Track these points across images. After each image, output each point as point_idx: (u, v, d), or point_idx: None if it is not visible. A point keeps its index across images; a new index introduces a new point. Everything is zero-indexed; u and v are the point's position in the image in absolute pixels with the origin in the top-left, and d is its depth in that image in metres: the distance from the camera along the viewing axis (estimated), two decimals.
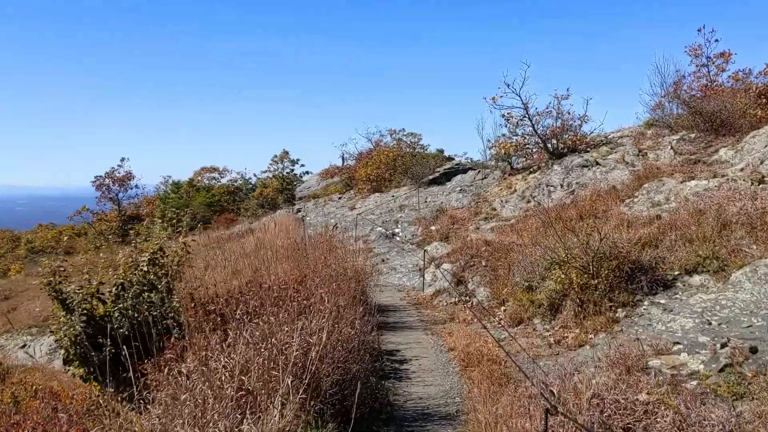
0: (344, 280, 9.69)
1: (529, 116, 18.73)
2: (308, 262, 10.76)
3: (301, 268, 10.49)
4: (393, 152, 33.62)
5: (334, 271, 10.06)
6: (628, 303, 8.42)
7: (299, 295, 7.60)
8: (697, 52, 22.86)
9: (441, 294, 11.89)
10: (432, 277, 13.19)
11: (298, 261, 11.42)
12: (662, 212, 11.34)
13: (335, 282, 9.59)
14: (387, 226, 19.91)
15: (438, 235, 16.31)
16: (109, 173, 45.68)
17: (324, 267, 10.33)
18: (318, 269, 10.00)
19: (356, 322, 6.81)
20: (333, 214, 28.38)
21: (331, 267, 10.32)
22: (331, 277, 9.70)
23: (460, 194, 21.82)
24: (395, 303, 11.94)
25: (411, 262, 15.46)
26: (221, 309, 6.71)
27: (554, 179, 16.67)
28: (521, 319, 9.37)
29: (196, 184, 54.01)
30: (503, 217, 16.28)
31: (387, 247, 17.60)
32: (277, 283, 8.50)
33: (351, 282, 9.80)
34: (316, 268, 9.98)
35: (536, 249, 10.70)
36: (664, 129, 17.34)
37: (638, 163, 15.67)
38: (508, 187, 18.73)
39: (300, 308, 7.03)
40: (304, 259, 11.59)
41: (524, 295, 9.58)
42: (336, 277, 9.74)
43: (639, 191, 13.05)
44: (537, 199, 16.48)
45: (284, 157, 51.32)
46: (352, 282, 9.84)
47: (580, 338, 8.05)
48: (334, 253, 11.72)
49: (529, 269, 9.92)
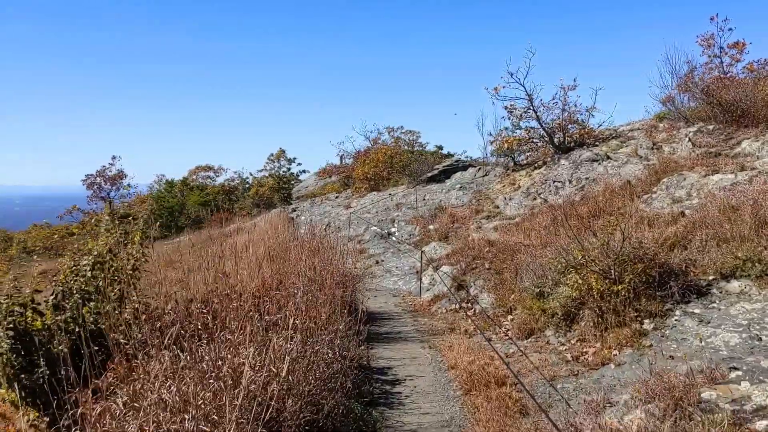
0: (330, 286, 8.54)
1: (534, 108, 17.56)
2: (290, 266, 9.61)
3: (281, 273, 9.34)
4: (390, 150, 32.68)
5: (318, 276, 8.91)
6: (656, 313, 7.26)
7: (271, 305, 6.45)
8: (709, 41, 21.68)
9: (440, 300, 10.73)
10: (430, 281, 12.03)
11: (281, 264, 10.28)
12: (685, 209, 10.18)
13: (319, 288, 8.46)
14: (383, 225, 18.75)
15: (437, 235, 15.15)
16: (100, 172, 44.43)
17: (309, 269, 9.19)
18: (299, 273, 8.85)
19: (337, 341, 5.63)
20: (328, 213, 27.24)
21: (316, 271, 9.18)
22: (313, 282, 8.55)
23: (460, 192, 20.66)
24: (389, 310, 10.77)
25: (407, 263, 14.30)
26: (176, 321, 5.54)
27: (562, 174, 15.51)
28: (532, 330, 8.21)
29: (190, 183, 52.87)
30: (507, 215, 15.12)
31: (382, 248, 16.43)
32: (248, 291, 7.35)
33: (337, 288, 8.64)
34: (296, 272, 8.82)
35: (547, 250, 9.55)
36: (679, 121, 16.17)
37: (653, 157, 14.51)
38: (511, 183, 17.56)
39: (268, 323, 5.88)
40: (286, 262, 10.45)
41: (534, 302, 8.41)
42: (320, 282, 8.59)
43: (657, 186, 11.89)
44: (543, 196, 15.31)
45: (280, 156, 50.23)
46: (339, 289, 8.68)
47: (602, 354, 6.88)
48: (320, 256, 10.57)
49: (540, 273, 8.76)
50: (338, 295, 8.50)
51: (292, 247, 12.12)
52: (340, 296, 8.62)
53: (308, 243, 11.78)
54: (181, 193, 52.77)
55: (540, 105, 17.68)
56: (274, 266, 9.70)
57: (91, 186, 43.29)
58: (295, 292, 7.14)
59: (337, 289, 8.73)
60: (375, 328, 9.37)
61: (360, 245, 17.09)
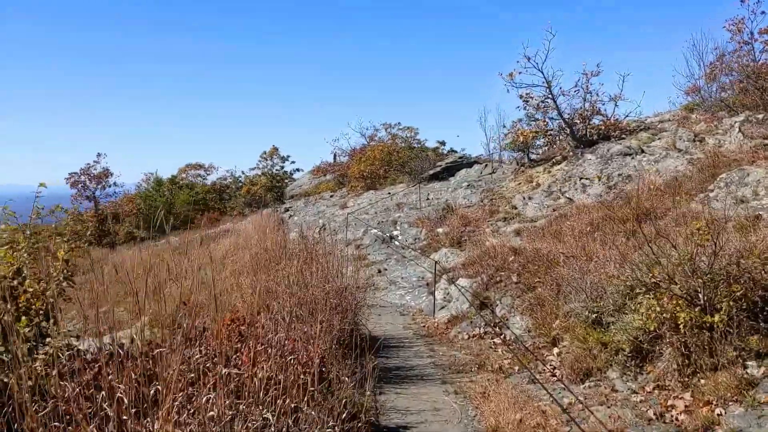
0: (327, 310, 6.65)
1: (553, 96, 15.70)
2: (277, 282, 7.70)
3: (267, 292, 7.44)
4: (388, 147, 30.96)
5: (311, 296, 7.01)
6: (765, 353, 5.40)
7: (245, 353, 4.54)
8: (739, 26, 19.89)
9: (459, 321, 8.83)
10: (444, 296, 10.13)
11: (267, 279, 8.38)
12: (758, 210, 8.34)
13: (310, 312, 6.58)
14: (383, 227, 16.84)
15: (447, 240, 13.25)
16: (85, 170, 42.26)
17: (300, 288, 7.31)
18: (285, 296, 6.94)
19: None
20: (323, 213, 25.29)
21: (308, 290, 7.29)
22: (303, 305, 6.66)
23: (468, 190, 18.77)
24: (397, 333, 8.87)
25: (415, 273, 12.39)
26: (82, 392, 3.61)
27: (589, 171, 13.64)
28: (589, 371, 6.32)
29: (179, 181, 50.86)
30: (527, 217, 13.24)
31: (384, 254, 14.51)
32: (217, 328, 5.45)
33: (335, 314, 6.74)
34: (282, 295, 6.92)
35: (596, 263, 7.68)
36: (720, 110, 14.36)
37: (695, 150, 12.67)
38: (527, 181, 15.69)
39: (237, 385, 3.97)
40: (273, 274, 8.56)
41: (590, 332, 6.53)
42: (313, 306, 6.69)
43: (714, 184, 10.05)
44: (568, 195, 13.45)
45: (273, 154, 48.30)
46: (337, 314, 6.78)
47: (702, 415, 5.00)
48: (314, 266, 8.68)
49: (594, 294, 6.88)
50: (336, 324, 6.62)
51: (281, 255, 10.22)
52: (338, 324, 6.74)
53: (300, 251, 9.89)
54: (170, 192, 50.78)
55: (559, 93, 15.82)
56: (260, 278, 7.80)
57: (76, 184, 41.24)
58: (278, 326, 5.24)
59: (334, 314, 6.84)
60: (382, 359, 7.47)
61: (359, 250, 15.17)
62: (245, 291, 7.78)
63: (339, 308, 7.13)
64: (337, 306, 7.04)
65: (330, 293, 7.26)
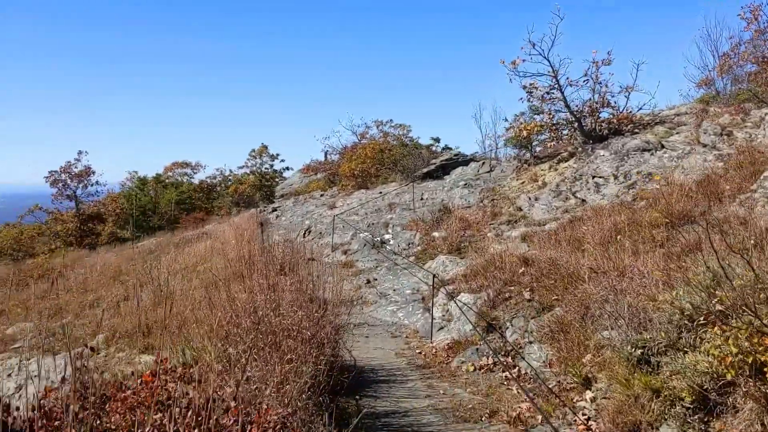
0: (299, 346, 5.22)
1: (560, 87, 14.27)
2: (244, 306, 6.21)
3: (230, 316, 5.95)
4: (380, 145, 29.67)
5: (280, 326, 5.54)
6: None
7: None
8: (755, 13, 18.61)
9: (462, 347, 7.37)
10: (443, 314, 8.67)
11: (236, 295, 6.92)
12: None
13: (275, 347, 5.16)
14: (374, 230, 15.36)
15: (445, 246, 11.80)
16: (65, 168, 40.49)
17: (265, 315, 5.85)
18: (248, 322, 5.47)
19: None
20: (311, 213, 23.77)
21: (280, 313, 5.83)
22: (268, 337, 5.22)
23: (465, 190, 17.33)
24: (388, 362, 7.40)
25: (409, 284, 10.91)
26: None
27: (603, 168, 12.22)
28: (636, 425, 4.87)
29: (164, 180, 49.21)
30: (534, 220, 11.81)
31: (374, 261, 13.02)
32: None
33: (310, 348, 5.28)
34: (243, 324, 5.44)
35: (632, 280, 6.26)
36: (746, 101, 13.00)
37: (723, 145, 11.29)
38: (532, 179, 14.26)
39: None
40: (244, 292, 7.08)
41: (636, 374, 5.09)
42: (281, 341, 5.24)
43: (757, 183, 8.65)
44: (580, 196, 12.03)
45: (263, 152, 46.90)
46: (313, 349, 5.31)
47: None
48: (291, 277, 7.20)
49: (637, 322, 5.44)
50: (311, 360, 5.16)
51: (251, 269, 8.76)
52: (314, 360, 5.28)
53: (272, 261, 8.41)
54: (155, 191, 49.17)
55: (566, 84, 14.40)
56: (217, 312, 6.30)
57: (56, 183, 39.54)
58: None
59: (309, 349, 5.37)
60: (369, 401, 6.01)
61: (346, 256, 13.68)
62: (202, 321, 6.32)
63: (316, 339, 5.67)
64: (312, 338, 5.57)
65: (305, 319, 5.80)
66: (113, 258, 21.41)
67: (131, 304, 13.28)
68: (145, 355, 10.20)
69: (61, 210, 38.99)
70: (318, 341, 5.62)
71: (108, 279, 17.71)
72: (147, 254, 20.87)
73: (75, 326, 13.63)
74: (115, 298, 14.27)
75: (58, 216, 38.74)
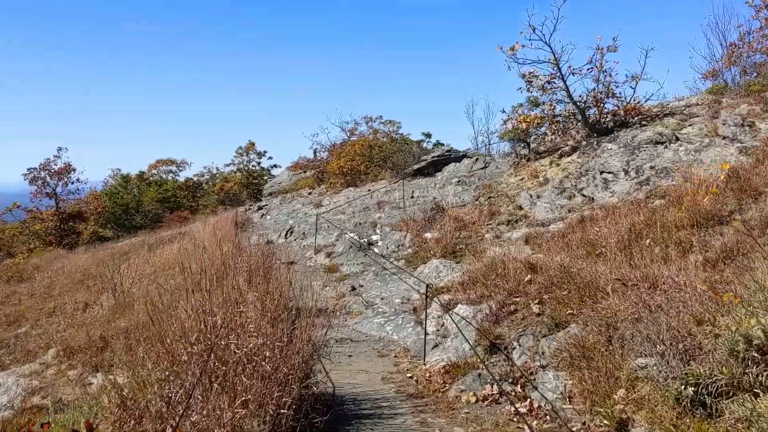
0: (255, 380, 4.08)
1: (562, 75, 13.19)
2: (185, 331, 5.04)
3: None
4: (369, 141, 28.66)
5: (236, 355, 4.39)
6: None
7: None
8: (766, 1, 17.69)
9: (462, 372, 6.23)
10: (438, 328, 7.55)
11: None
12: None
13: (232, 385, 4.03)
14: (361, 230, 14.21)
15: (438, 248, 10.67)
16: (44, 165, 39.15)
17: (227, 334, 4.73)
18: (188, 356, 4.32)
19: None
20: (297, 212, 22.57)
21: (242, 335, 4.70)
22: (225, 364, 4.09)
23: (459, 187, 16.23)
24: (374, 389, 6.25)
25: (399, 291, 9.77)
26: None
27: (611, 163, 11.14)
28: None
29: (147, 177, 47.82)
30: (537, 219, 10.71)
31: (360, 264, 11.86)
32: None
33: (274, 389, 4.15)
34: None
35: (667, 293, 5.16)
36: (765, 92, 11.99)
37: (745, 137, 10.25)
38: (532, 175, 13.17)
39: None
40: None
41: (684, 417, 3.99)
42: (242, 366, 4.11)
43: None
44: (586, 193, 10.95)
45: (250, 149, 45.74)
46: (276, 389, 4.17)
47: None
48: (264, 285, 6.05)
49: (677, 348, 4.34)
50: (275, 395, 4.03)
51: (217, 279, 7.55)
52: (278, 396, 4.16)
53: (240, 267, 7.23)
54: (138, 189, 47.87)
55: (569, 72, 13.32)
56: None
57: (34, 181, 38.18)
58: None
59: (271, 387, 4.23)
60: None
61: (330, 260, 12.52)
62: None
63: (282, 370, 4.52)
64: (276, 370, 4.42)
65: (268, 345, 4.65)
66: (84, 260, 20.13)
67: (91, 312, 12.09)
68: (98, 375, 9.00)
69: (40, 208, 37.71)
70: (284, 374, 4.47)
71: (74, 283, 16.47)
72: (120, 256, 19.61)
73: (30, 337, 12.42)
74: (77, 305, 13.06)
75: (36, 214, 37.40)
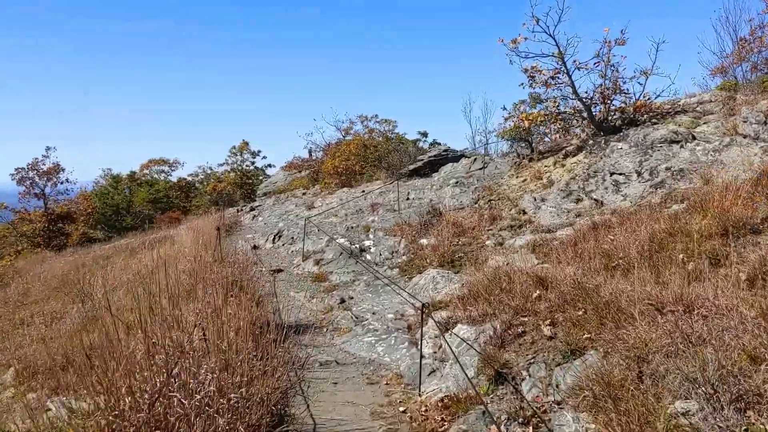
0: None
1: (567, 70, 12.36)
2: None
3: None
4: (364, 140, 27.90)
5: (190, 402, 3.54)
6: None
7: None
8: None
9: (463, 408, 5.36)
10: (435, 350, 6.69)
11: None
12: None
13: None
14: (353, 235, 13.35)
15: (435, 256, 9.82)
16: (33, 165, 38.31)
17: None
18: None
19: None
20: (288, 214, 21.68)
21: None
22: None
23: (457, 188, 15.38)
24: (361, 429, 5.38)
25: (391, 305, 8.91)
26: None
27: (622, 164, 10.31)
28: None
29: (139, 178, 46.90)
30: (542, 225, 9.87)
31: (351, 273, 10.99)
32: None
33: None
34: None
35: (709, 319, 4.32)
36: None
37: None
38: (536, 177, 12.33)
39: None
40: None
41: None
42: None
43: None
44: (595, 196, 10.11)
45: (244, 149, 44.91)
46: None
47: None
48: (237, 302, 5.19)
49: (724, 389, 3.49)
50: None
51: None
52: None
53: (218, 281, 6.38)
54: (129, 189, 47.02)
55: (574, 67, 12.49)
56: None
57: (23, 181, 37.32)
58: None
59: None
60: None
61: (319, 267, 11.65)
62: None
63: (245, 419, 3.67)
64: (235, 422, 3.56)
65: (230, 387, 3.79)
66: (63, 264, 19.20)
67: (58, 325, 11.19)
68: (56, 399, 8.11)
69: (28, 209, 36.88)
70: (245, 426, 3.61)
71: (50, 290, 15.56)
72: (103, 260, 18.70)
73: None
74: (46, 316, 12.16)
75: (24, 215, 36.55)
